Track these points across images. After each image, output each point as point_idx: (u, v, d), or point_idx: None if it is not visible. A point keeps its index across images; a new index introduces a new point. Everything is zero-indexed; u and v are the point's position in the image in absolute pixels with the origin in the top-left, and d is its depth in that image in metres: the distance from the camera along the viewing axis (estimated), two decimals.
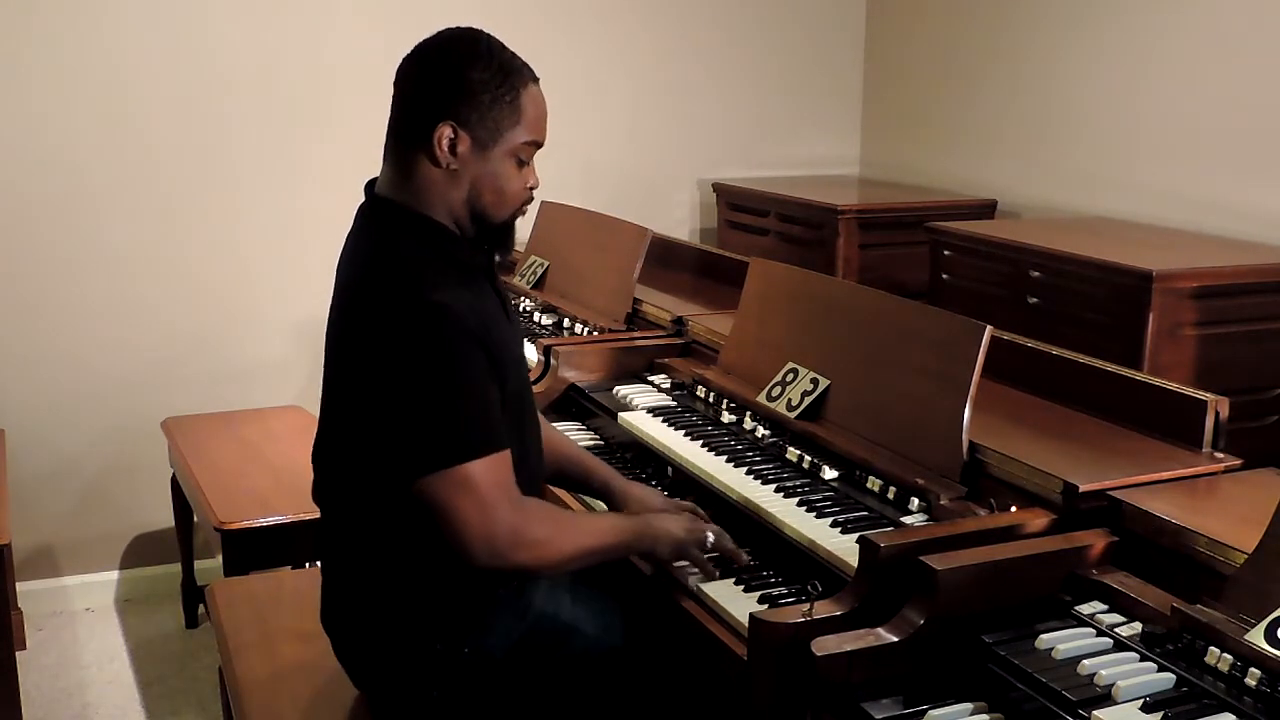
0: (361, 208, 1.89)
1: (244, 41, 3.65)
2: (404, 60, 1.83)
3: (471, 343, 1.72)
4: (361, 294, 1.78)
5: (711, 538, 1.90)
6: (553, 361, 2.74)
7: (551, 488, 2.24)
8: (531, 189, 1.86)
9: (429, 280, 1.72)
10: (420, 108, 1.77)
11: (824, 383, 2.23)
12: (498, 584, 1.83)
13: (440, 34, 1.83)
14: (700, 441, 2.29)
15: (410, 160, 1.79)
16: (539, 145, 1.84)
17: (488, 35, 1.82)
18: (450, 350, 1.70)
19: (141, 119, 3.58)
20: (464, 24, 1.72)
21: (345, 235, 1.94)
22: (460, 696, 1.84)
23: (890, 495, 1.94)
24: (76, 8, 3.46)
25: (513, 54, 1.81)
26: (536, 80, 1.82)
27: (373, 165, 1.91)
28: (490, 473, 1.71)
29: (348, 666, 1.96)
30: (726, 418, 2.38)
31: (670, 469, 2.31)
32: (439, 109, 1.75)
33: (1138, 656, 1.48)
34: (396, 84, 1.83)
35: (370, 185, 1.88)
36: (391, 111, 1.83)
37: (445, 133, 1.74)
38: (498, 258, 1.92)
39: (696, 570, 1.90)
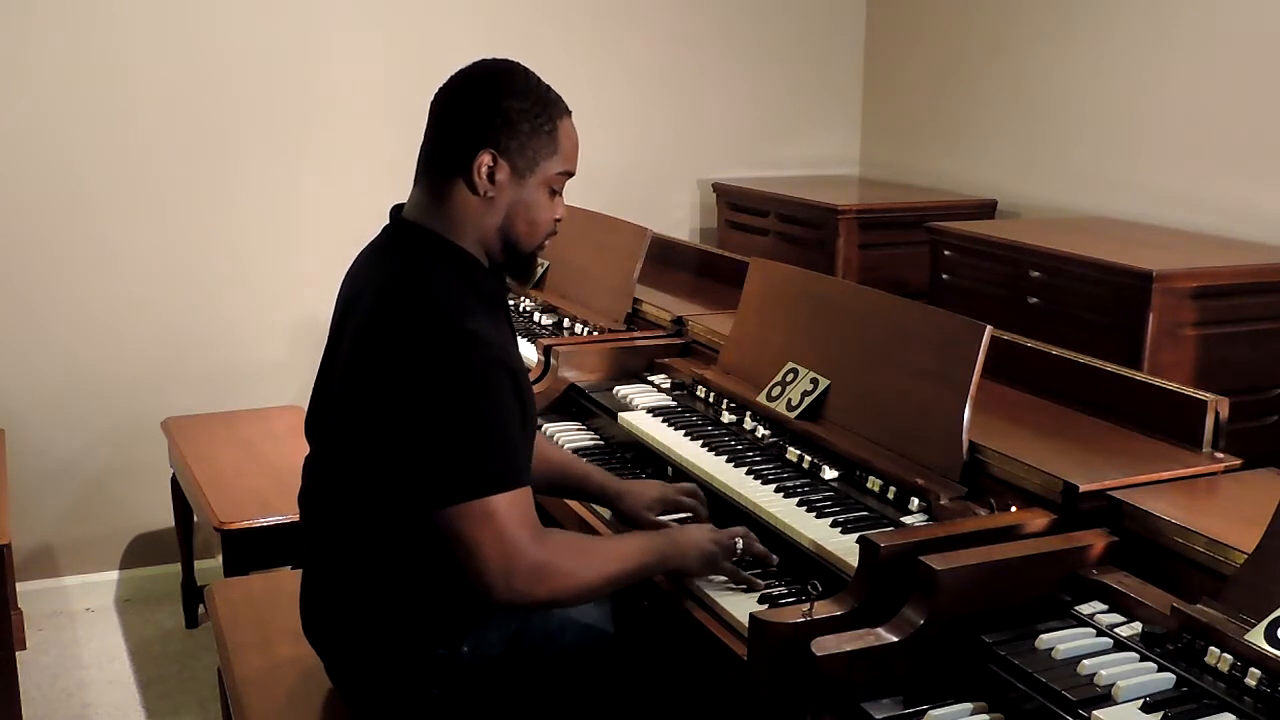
0: (386, 229, 1.89)
1: (245, 42, 3.65)
2: (441, 89, 1.84)
3: (503, 373, 1.72)
4: (387, 317, 1.75)
5: (741, 544, 1.86)
6: (553, 361, 2.74)
7: (560, 499, 2.25)
8: (558, 220, 1.88)
9: (459, 308, 1.72)
10: (460, 136, 1.78)
11: (824, 383, 2.23)
12: None
13: (478, 64, 1.85)
14: (700, 441, 2.29)
15: (447, 187, 1.79)
16: (571, 175, 1.86)
17: (525, 67, 1.84)
18: (483, 380, 1.69)
19: (142, 120, 3.58)
20: (464, 26, 1.72)
21: (344, 236, 1.95)
22: (461, 696, 1.84)
23: (890, 495, 1.95)
24: (77, 10, 3.46)
25: (549, 86, 1.83)
26: (570, 113, 1.85)
27: (371, 166, 1.91)
28: (513, 507, 1.70)
29: (335, 673, 1.96)
30: (726, 418, 2.38)
31: (670, 469, 2.31)
32: (479, 138, 1.76)
33: (1138, 656, 1.48)
34: (433, 112, 1.83)
35: (396, 209, 1.88)
36: (426, 138, 1.84)
37: (485, 160, 1.76)
38: (518, 288, 1.92)
39: (728, 580, 1.86)
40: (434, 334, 1.69)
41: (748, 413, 2.35)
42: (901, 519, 1.87)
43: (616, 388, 2.65)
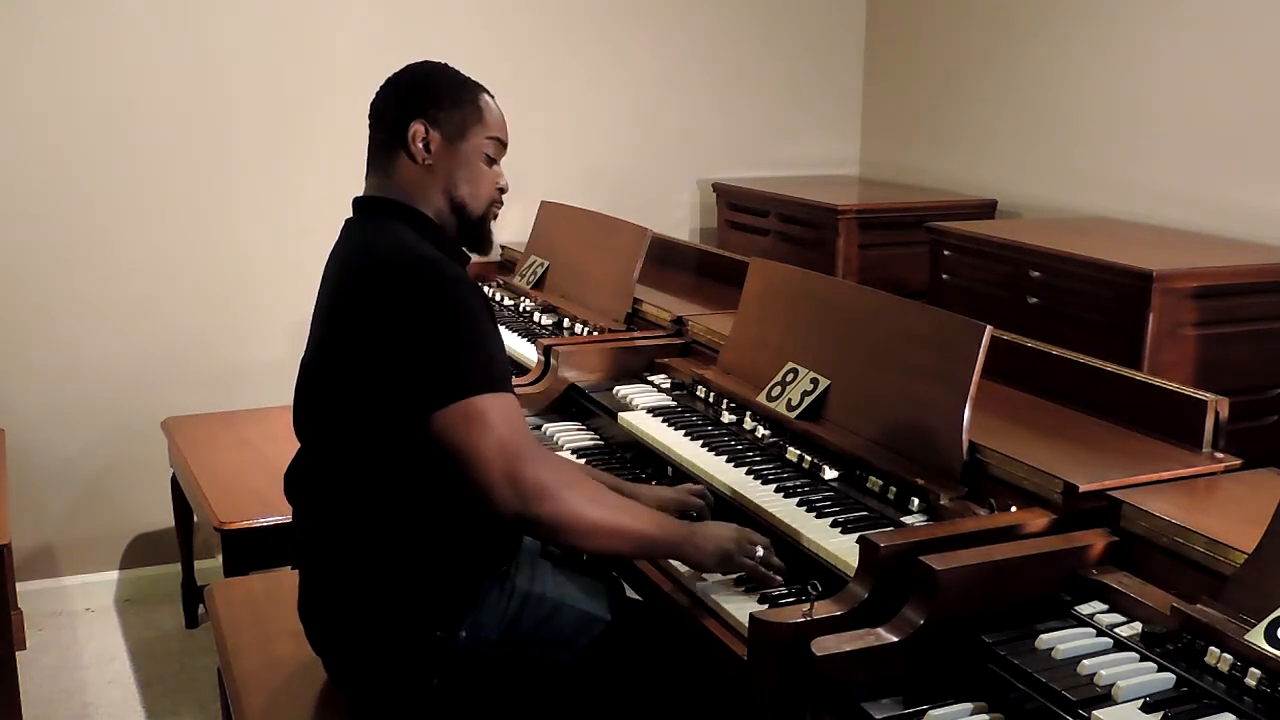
0: (349, 220, 2.00)
1: (245, 42, 3.65)
2: (378, 91, 2.00)
3: (473, 294, 1.81)
4: (361, 268, 1.86)
5: (761, 551, 1.84)
6: (553, 361, 2.74)
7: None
8: (502, 190, 2.01)
9: (418, 244, 1.85)
10: (394, 114, 1.94)
11: (824, 383, 2.23)
12: (489, 566, 1.86)
13: (405, 66, 2.03)
14: (700, 441, 2.29)
15: (392, 164, 1.94)
16: (503, 145, 2.01)
17: (444, 63, 2.03)
18: (453, 296, 1.77)
19: (142, 119, 3.58)
20: (465, 26, 1.75)
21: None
22: (460, 685, 1.85)
23: (890, 495, 1.94)
24: (77, 9, 3.46)
25: (467, 75, 2.01)
26: (490, 94, 2.01)
27: None
28: (502, 410, 1.73)
29: (335, 670, 1.97)
30: (726, 418, 2.38)
31: (670, 469, 2.31)
32: (410, 111, 1.93)
33: (1138, 656, 1.48)
34: (372, 109, 1.99)
35: (356, 201, 2.00)
36: (370, 132, 1.99)
37: (418, 130, 1.92)
38: (475, 258, 2.08)
39: (743, 575, 1.82)
40: (403, 265, 1.79)
41: (748, 413, 2.35)
42: (901, 519, 1.87)
43: (616, 388, 2.65)
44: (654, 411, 2.49)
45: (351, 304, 1.83)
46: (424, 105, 1.92)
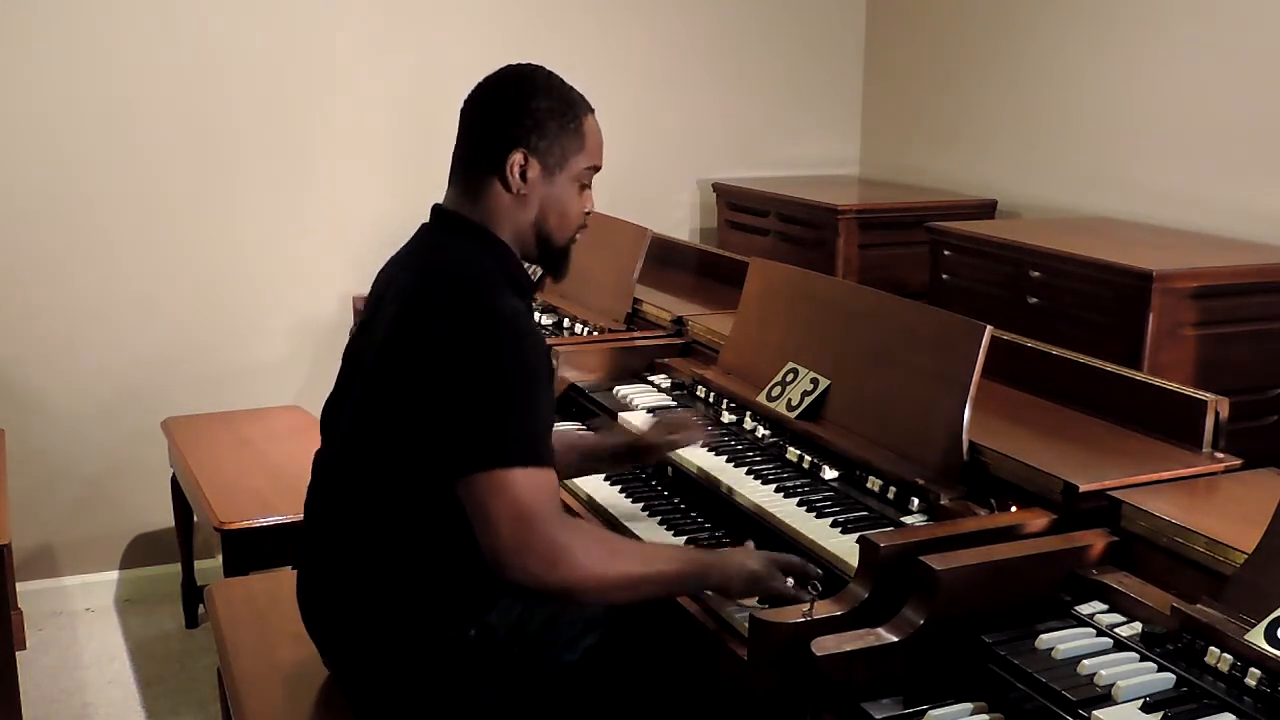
0: (426, 224, 1.93)
1: (247, 41, 3.65)
2: (471, 94, 1.90)
3: (534, 350, 1.75)
4: (426, 294, 1.78)
5: (792, 581, 1.76)
6: (553, 362, 2.74)
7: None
8: (588, 213, 1.95)
9: (493, 288, 1.77)
10: (493, 137, 1.84)
11: (824, 383, 2.23)
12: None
13: (505, 69, 1.91)
14: (700, 441, 2.29)
15: (482, 186, 1.85)
16: (598, 169, 1.94)
17: (548, 70, 1.91)
18: (515, 356, 1.71)
19: (143, 119, 3.58)
20: (465, 26, 1.74)
21: (345, 236, 1.99)
22: (468, 679, 1.86)
23: (890, 495, 1.95)
24: (77, 9, 3.46)
25: (571, 86, 1.91)
26: (593, 111, 1.93)
27: (372, 167, 1.93)
28: (532, 485, 1.66)
29: (338, 664, 1.97)
30: (726, 418, 2.39)
31: (670, 469, 2.31)
32: (511, 139, 1.83)
33: (1138, 656, 1.48)
34: (465, 115, 1.89)
35: (435, 208, 1.92)
36: (461, 140, 1.90)
37: (517, 160, 1.83)
38: (551, 281, 2.02)
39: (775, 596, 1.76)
40: (469, 309, 1.72)
41: (748, 413, 2.35)
42: (901, 519, 1.87)
43: (616, 388, 2.66)
44: (654, 411, 2.49)
45: (409, 334, 1.76)
46: (528, 134, 1.82)
